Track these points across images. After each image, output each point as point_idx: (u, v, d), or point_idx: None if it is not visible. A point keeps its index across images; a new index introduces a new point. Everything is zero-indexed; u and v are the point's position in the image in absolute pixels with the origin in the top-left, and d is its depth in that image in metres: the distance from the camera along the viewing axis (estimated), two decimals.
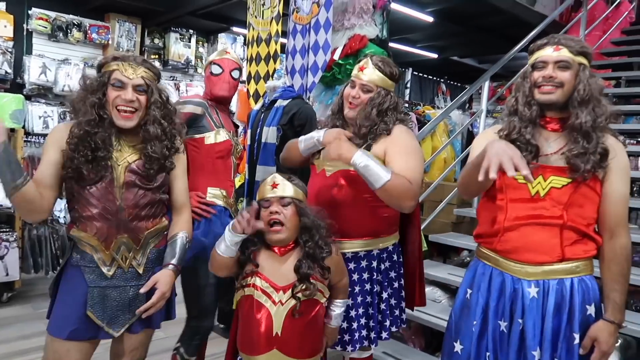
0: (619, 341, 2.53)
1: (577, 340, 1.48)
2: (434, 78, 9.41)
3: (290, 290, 1.64)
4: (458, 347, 1.65)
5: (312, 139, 2.00)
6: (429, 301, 2.96)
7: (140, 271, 1.72)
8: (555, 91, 1.52)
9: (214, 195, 2.23)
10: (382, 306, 2.03)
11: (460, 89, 9.52)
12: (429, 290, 3.08)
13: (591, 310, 1.51)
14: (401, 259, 2.12)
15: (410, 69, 8.70)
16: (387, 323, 2.05)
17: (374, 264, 1.99)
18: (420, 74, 9.04)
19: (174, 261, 1.72)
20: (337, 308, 1.82)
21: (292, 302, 1.63)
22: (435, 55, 7.34)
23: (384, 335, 2.05)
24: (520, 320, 1.53)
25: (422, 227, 3.54)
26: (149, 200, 1.71)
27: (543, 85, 1.53)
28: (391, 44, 6.15)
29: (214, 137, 2.20)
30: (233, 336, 1.81)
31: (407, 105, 4.78)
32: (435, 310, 2.91)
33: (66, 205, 1.75)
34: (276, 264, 1.68)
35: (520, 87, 1.61)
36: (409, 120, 2.12)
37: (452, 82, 9.74)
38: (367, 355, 2.13)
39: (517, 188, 1.57)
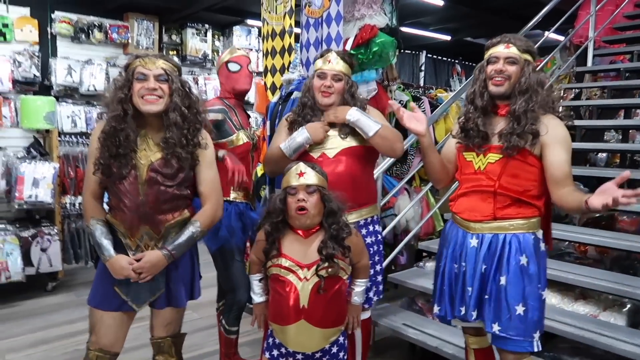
0: (628, 306, 2.66)
1: (502, 282, 1.82)
2: (449, 59, 9.41)
3: (314, 267, 1.80)
4: (436, 285, 2.07)
5: (296, 142, 2.17)
6: None
7: None
8: (504, 83, 1.84)
9: (236, 193, 2.45)
10: (377, 267, 2.30)
11: None
12: (433, 264, 3.23)
13: (524, 260, 1.82)
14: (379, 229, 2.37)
15: (424, 52, 8.71)
16: (380, 280, 2.32)
17: (377, 227, 2.30)
18: (435, 56, 9.05)
19: (169, 247, 1.84)
20: (358, 287, 1.99)
21: (317, 278, 1.79)
22: (448, 38, 7.36)
23: (376, 298, 2.32)
24: (464, 264, 1.92)
25: (437, 206, 3.69)
26: (169, 196, 1.87)
27: (494, 77, 1.85)
28: (403, 28, 6.23)
29: (235, 140, 2.41)
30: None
31: (420, 89, 4.86)
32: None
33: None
34: (301, 246, 1.84)
35: (477, 79, 1.92)
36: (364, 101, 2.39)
37: (467, 63, 9.72)
38: (367, 316, 2.35)
39: (466, 165, 1.95)
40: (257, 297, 1.98)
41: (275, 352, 1.88)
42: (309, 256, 1.81)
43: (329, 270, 1.79)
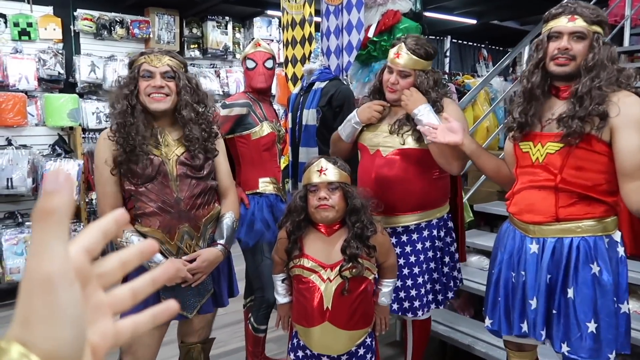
0: None
1: (569, 295, 1.56)
2: (474, 44, 9.15)
3: (337, 268, 1.72)
4: (488, 294, 1.85)
5: (349, 124, 2.12)
6: (476, 270, 3.01)
7: None
8: (569, 63, 1.55)
9: (266, 184, 2.39)
10: (446, 269, 2.18)
11: (503, 53, 9.21)
12: (476, 259, 3.12)
13: (595, 268, 1.55)
14: (452, 225, 2.24)
15: (449, 37, 8.49)
16: (452, 284, 2.22)
17: (434, 232, 2.13)
18: (460, 41, 8.81)
19: (222, 241, 1.83)
20: (385, 287, 1.90)
21: (340, 279, 1.72)
22: (473, 21, 7.14)
23: (450, 295, 2.23)
24: (523, 273, 1.67)
25: (467, 197, 3.56)
26: (201, 189, 1.82)
27: (558, 57, 1.56)
28: (427, 14, 6.05)
29: (259, 131, 2.35)
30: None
31: (446, 76, 4.72)
32: (483, 278, 2.94)
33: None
34: (324, 245, 1.76)
35: (534, 58, 1.64)
36: (450, 91, 2.21)
37: (493, 47, 9.43)
38: (428, 316, 2.26)
39: (522, 157, 1.70)
40: (281, 297, 1.91)
41: (300, 354, 1.82)
42: (333, 256, 1.74)
43: (353, 271, 1.71)
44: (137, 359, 1.82)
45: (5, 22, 4.42)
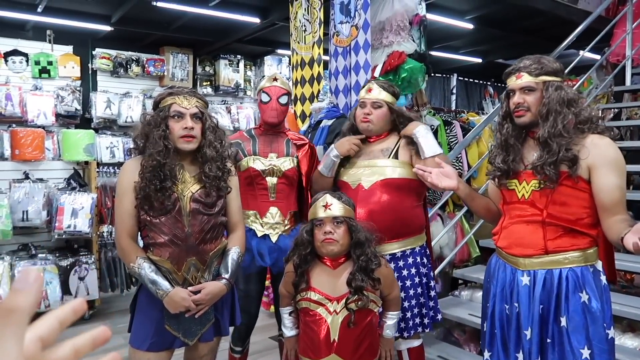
0: None
1: (563, 323, 1.63)
2: (480, 82, 9.31)
3: (344, 300, 1.77)
4: (484, 327, 1.90)
5: (329, 157, 2.28)
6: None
7: None
8: (526, 114, 1.71)
9: (245, 216, 2.36)
10: (432, 293, 2.27)
11: None
12: (480, 294, 3.13)
13: (584, 297, 1.63)
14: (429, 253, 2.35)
15: (455, 75, 8.64)
16: (439, 306, 2.32)
17: (418, 259, 2.23)
18: (466, 79, 8.97)
19: (226, 275, 1.89)
20: (390, 320, 1.95)
21: (346, 311, 1.76)
22: (479, 60, 7.29)
23: (439, 317, 2.31)
24: (516, 304, 1.74)
25: (472, 232, 3.59)
26: (212, 225, 1.89)
27: (516, 111, 1.73)
28: (433, 52, 6.21)
29: (241, 166, 2.38)
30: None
31: (451, 113, 4.82)
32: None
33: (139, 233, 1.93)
34: (330, 278, 1.81)
35: (503, 111, 1.81)
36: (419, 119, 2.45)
37: (499, 84, 9.58)
38: (420, 343, 2.31)
39: (508, 194, 1.80)
40: (288, 330, 1.95)
41: None
42: (338, 289, 1.79)
43: (359, 303, 1.76)
44: None
45: (27, 61, 4.62)
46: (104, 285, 4.45)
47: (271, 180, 2.39)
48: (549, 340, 1.66)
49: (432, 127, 4.06)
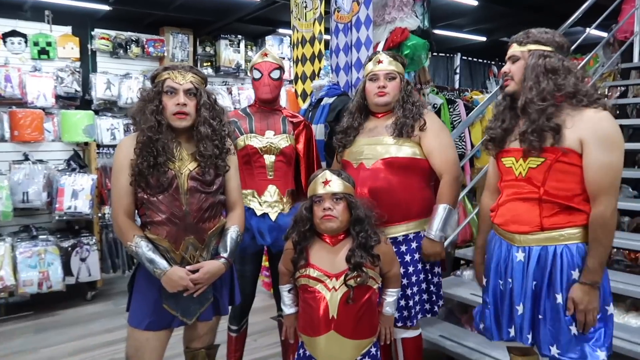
0: None
1: (559, 300, 1.62)
2: (484, 61, 9.19)
3: (342, 277, 1.75)
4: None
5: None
6: None
7: None
8: (510, 83, 1.73)
9: (243, 195, 2.31)
10: (435, 280, 2.20)
11: None
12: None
13: (575, 275, 1.62)
14: None
15: (459, 54, 8.54)
16: (442, 292, 2.24)
17: (414, 245, 2.14)
18: (470, 58, 8.86)
19: (225, 254, 1.86)
20: (389, 297, 1.92)
21: (345, 288, 1.74)
22: (483, 38, 7.18)
23: (440, 302, 2.24)
24: (510, 280, 1.74)
25: (474, 212, 3.56)
26: (210, 203, 1.86)
27: (504, 79, 1.75)
28: (436, 31, 6.10)
29: (237, 144, 2.32)
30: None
31: (454, 92, 4.75)
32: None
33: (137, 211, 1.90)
34: (329, 255, 1.79)
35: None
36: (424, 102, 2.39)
37: (503, 64, 9.45)
38: (417, 333, 2.24)
39: (506, 172, 1.78)
40: (287, 308, 1.94)
41: None
42: (337, 265, 1.77)
43: (358, 279, 1.74)
44: None
45: (26, 42, 4.57)
46: (106, 266, 4.46)
47: (269, 158, 2.35)
48: (540, 317, 1.66)
49: (435, 105, 4.00)
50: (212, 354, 2.04)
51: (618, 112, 5.24)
